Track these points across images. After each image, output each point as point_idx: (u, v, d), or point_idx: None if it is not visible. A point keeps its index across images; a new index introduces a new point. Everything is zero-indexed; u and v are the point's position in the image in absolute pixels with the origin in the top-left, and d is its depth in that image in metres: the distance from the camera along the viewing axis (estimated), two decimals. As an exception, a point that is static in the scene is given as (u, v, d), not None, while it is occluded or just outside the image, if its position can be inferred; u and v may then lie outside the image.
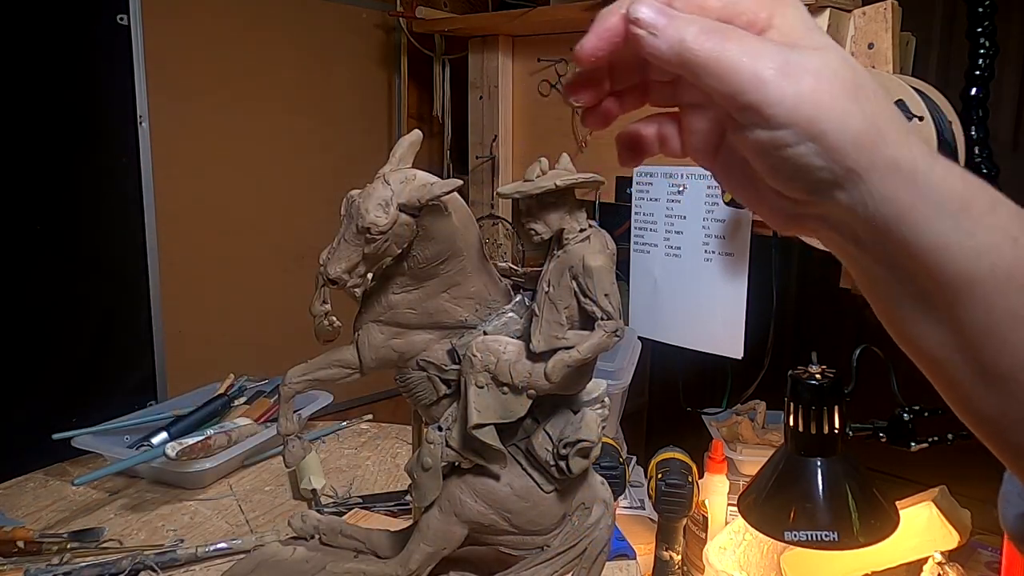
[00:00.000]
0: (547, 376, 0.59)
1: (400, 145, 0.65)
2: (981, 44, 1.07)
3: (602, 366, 1.39)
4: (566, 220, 0.64)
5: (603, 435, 0.67)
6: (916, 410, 0.97)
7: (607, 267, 0.61)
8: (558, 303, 0.61)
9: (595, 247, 0.63)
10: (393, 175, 0.62)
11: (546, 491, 0.66)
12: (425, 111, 1.96)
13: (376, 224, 0.60)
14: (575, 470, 0.64)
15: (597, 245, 0.63)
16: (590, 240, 0.63)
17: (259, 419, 1.24)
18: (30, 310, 1.32)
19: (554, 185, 0.62)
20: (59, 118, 1.33)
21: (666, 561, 1.11)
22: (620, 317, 0.60)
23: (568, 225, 0.64)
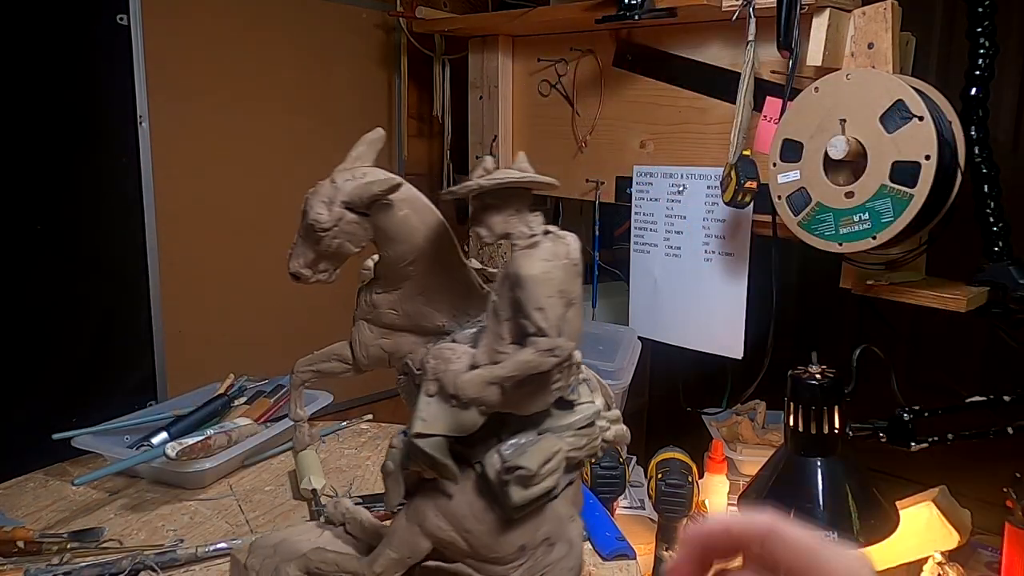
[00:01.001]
0: (461, 390, 0.55)
1: (359, 143, 0.65)
2: (981, 44, 1.07)
3: (602, 366, 1.39)
4: (512, 224, 0.58)
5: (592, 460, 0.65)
6: (916, 410, 0.97)
7: (543, 278, 0.54)
8: (500, 314, 0.56)
9: (539, 255, 0.56)
10: (340, 173, 0.62)
11: (504, 517, 0.59)
12: (425, 111, 1.96)
13: (318, 221, 0.61)
14: (514, 499, 0.57)
15: (542, 253, 0.56)
16: (537, 247, 0.56)
17: (259, 419, 1.24)
18: (30, 310, 1.32)
19: (478, 186, 0.57)
20: (59, 118, 1.32)
21: (666, 561, 1.11)
22: (562, 334, 0.54)
23: (515, 229, 0.58)
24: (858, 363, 0.97)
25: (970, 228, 1.09)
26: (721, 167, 1.25)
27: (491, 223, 0.59)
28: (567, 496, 0.63)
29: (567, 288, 0.56)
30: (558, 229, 0.59)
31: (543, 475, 0.58)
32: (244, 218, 1.63)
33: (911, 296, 1.11)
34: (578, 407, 0.64)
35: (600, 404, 0.66)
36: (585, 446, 0.62)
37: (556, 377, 0.57)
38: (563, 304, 0.55)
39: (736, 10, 1.22)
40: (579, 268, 0.58)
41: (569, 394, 0.63)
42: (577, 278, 0.57)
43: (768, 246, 1.28)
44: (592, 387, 0.67)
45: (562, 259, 0.56)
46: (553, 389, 0.58)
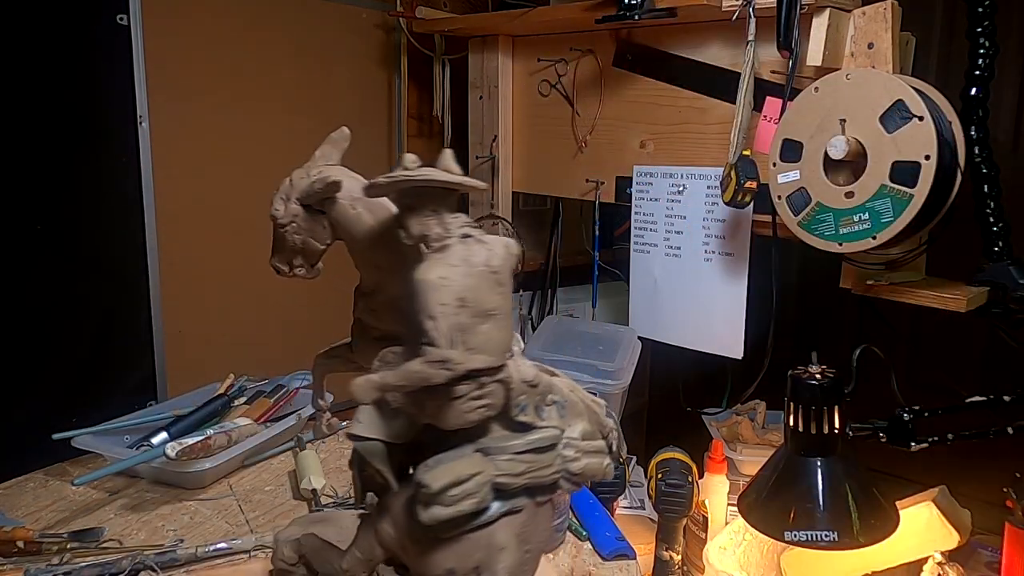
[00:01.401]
0: (351, 393, 0.53)
1: (324, 142, 0.65)
2: (981, 44, 1.07)
3: (602, 366, 1.39)
4: (428, 225, 0.56)
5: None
6: (916, 410, 0.97)
7: (438, 284, 0.51)
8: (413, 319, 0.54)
9: (444, 259, 0.53)
10: (298, 171, 0.63)
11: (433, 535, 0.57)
12: (425, 111, 1.96)
13: (274, 217, 0.62)
14: (420, 517, 0.54)
15: (449, 257, 0.53)
16: (446, 250, 0.54)
17: (259, 419, 1.24)
18: (30, 310, 1.32)
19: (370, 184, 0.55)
20: (59, 118, 1.32)
21: (666, 561, 1.11)
22: (457, 346, 0.51)
23: (431, 231, 0.55)
24: (858, 363, 0.97)
25: (970, 228, 1.09)
26: (721, 167, 1.25)
27: (408, 224, 0.56)
28: (509, 524, 0.58)
29: (473, 297, 0.52)
30: (481, 233, 0.55)
31: (453, 497, 0.54)
32: (244, 218, 1.63)
33: (911, 296, 1.11)
34: (534, 431, 0.59)
35: (576, 432, 0.61)
36: (525, 473, 0.57)
37: (463, 392, 0.53)
38: (468, 314, 0.51)
39: (736, 10, 1.22)
40: (501, 276, 0.54)
41: (518, 413, 0.58)
42: (497, 287, 0.53)
43: (768, 246, 1.28)
44: (571, 412, 0.62)
45: (475, 266, 0.53)
46: (467, 406, 0.54)
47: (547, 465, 0.58)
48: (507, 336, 0.55)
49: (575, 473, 0.60)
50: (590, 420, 0.63)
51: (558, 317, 1.72)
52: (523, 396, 0.58)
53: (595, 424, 0.63)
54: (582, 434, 0.61)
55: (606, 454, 0.63)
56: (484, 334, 0.52)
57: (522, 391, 0.58)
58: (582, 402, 0.62)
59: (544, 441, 0.58)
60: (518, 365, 0.58)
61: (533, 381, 0.58)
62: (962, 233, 1.08)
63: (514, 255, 0.55)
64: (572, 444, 0.60)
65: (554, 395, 0.61)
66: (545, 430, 0.59)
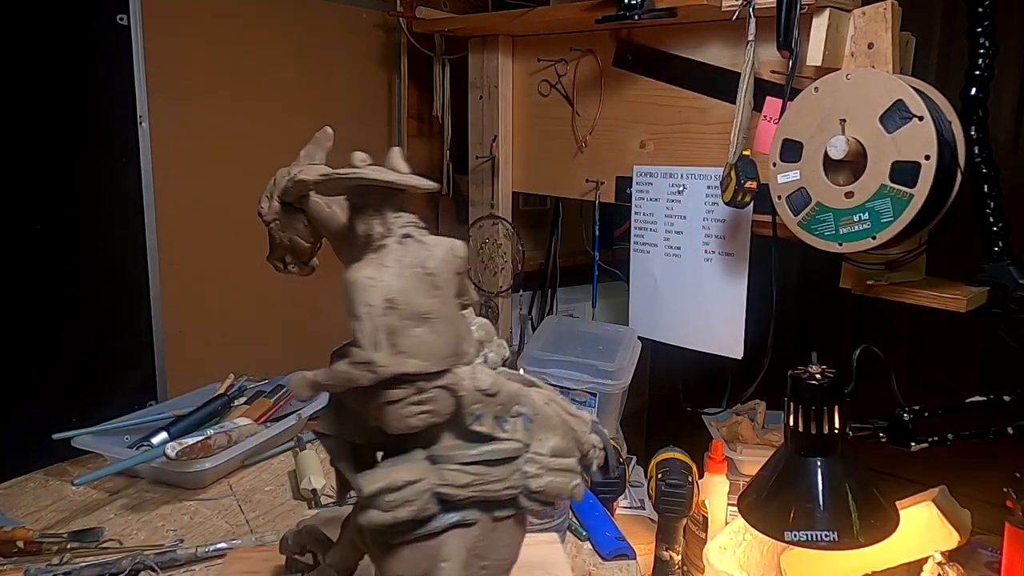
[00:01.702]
0: (291, 387, 0.53)
1: (311, 141, 0.65)
2: (981, 44, 1.07)
3: (602, 366, 1.39)
4: (371, 224, 0.55)
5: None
6: (916, 410, 0.97)
7: (365, 285, 0.50)
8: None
9: (377, 259, 0.52)
10: (282, 170, 0.63)
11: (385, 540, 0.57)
12: (425, 111, 1.96)
13: (260, 214, 0.62)
14: (359, 521, 0.54)
15: (383, 258, 0.52)
16: (382, 250, 0.53)
17: (259, 419, 1.24)
18: (30, 310, 1.32)
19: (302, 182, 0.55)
20: (59, 118, 1.32)
21: (666, 561, 1.11)
22: (382, 348, 0.50)
23: (374, 231, 0.55)
24: (858, 363, 0.97)
25: (970, 228, 1.09)
26: (721, 167, 1.25)
27: (354, 223, 0.56)
28: (459, 537, 0.57)
29: (404, 299, 0.51)
30: (423, 234, 0.54)
31: (390, 502, 0.53)
32: (244, 218, 1.62)
33: (911, 296, 1.11)
34: (492, 443, 0.57)
35: (546, 448, 0.58)
36: (472, 485, 0.55)
37: (400, 396, 0.52)
38: (398, 317, 0.50)
39: (736, 10, 1.22)
40: (438, 279, 0.52)
41: (472, 422, 0.56)
42: (432, 290, 0.52)
43: (768, 246, 1.28)
44: (542, 426, 0.59)
45: (408, 267, 0.52)
46: (407, 411, 0.53)
47: (499, 479, 0.56)
48: (446, 341, 0.53)
49: (534, 491, 0.58)
50: (565, 436, 0.60)
51: (558, 317, 1.72)
52: (478, 405, 0.56)
53: (571, 440, 0.60)
54: (552, 450, 0.59)
55: (576, 473, 0.59)
56: (417, 338, 0.51)
57: (476, 400, 0.55)
58: (557, 416, 0.60)
59: (497, 453, 0.56)
60: (475, 373, 0.56)
61: (490, 390, 0.56)
62: (962, 233, 1.08)
63: (458, 258, 0.53)
64: (536, 460, 0.58)
65: (521, 407, 0.58)
66: (503, 442, 0.57)
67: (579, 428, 0.60)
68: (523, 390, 0.59)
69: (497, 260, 1.73)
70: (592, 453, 0.61)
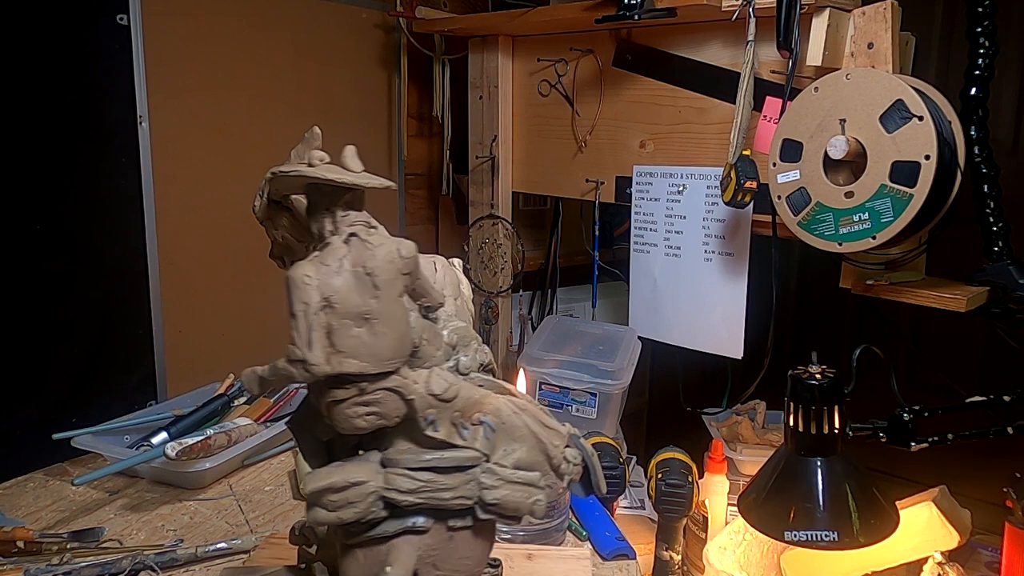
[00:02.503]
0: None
1: (301, 141, 0.65)
2: (981, 44, 1.07)
3: (602, 366, 1.39)
4: (322, 223, 0.55)
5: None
6: (916, 410, 0.97)
7: (300, 283, 0.50)
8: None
9: (318, 258, 0.52)
10: (273, 169, 0.62)
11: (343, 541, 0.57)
12: (425, 111, 1.96)
13: (253, 211, 0.62)
14: (307, 519, 0.55)
15: (324, 256, 0.52)
16: (326, 249, 0.53)
17: (259, 419, 1.24)
18: (30, 310, 1.32)
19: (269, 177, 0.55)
20: (59, 118, 1.32)
21: (666, 561, 1.11)
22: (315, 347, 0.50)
23: (325, 229, 0.55)
24: (858, 363, 0.97)
25: (970, 228, 1.09)
26: (721, 167, 1.25)
27: (309, 221, 0.56)
28: (408, 544, 0.56)
29: (341, 299, 0.50)
30: (370, 232, 0.54)
31: (334, 503, 0.53)
32: (244, 218, 1.62)
33: (911, 296, 1.11)
34: (447, 450, 0.55)
35: (509, 460, 0.56)
36: (419, 492, 0.54)
37: (343, 396, 0.52)
38: (336, 316, 0.50)
39: (736, 10, 1.22)
40: (379, 279, 0.51)
41: (426, 427, 0.55)
42: (372, 290, 0.51)
43: (768, 246, 1.28)
44: (507, 437, 0.57)
45: (347, 266, 0.51)
46: (351, 411, 0.52)
47: (450, 488, 0.55)
48: (389, 343, 0.52)
49: (488, 503, 0.56)
50: (533, 449, 0.57)
51: (558, 317, 1.72)
52: (432, 410, 0.55)
53: (539, 454, 0.57)
54: (515, 462, 0.56)
55: (538, 489, 0.57)
56: (356, 338, 0.51)
57: (430, 404, 0.54)
58: (526, 427, 0.57)
59: (448, 461, 0.55)
60: (430, 376, 0.55)
61: (443, 395, 0.55)
62: (962, 233, 1.08)
63: (405, 258, 0.52)
64: (494, 471, 0.56)
65: (484, 415, 0.56)
66: (457, 450, 0.55)
67: (552, 441, 0.58)
68: (489, 397, 0.57)
69: (497, 260, 1.73)
70: (564, 467, 0.58)
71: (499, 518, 0.58)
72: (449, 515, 0.57)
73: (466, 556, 0.59)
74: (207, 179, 1.57)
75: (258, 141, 1.63)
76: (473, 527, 0.58)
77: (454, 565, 0.58)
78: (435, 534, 0.57)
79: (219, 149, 1.58)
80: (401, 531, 0.56)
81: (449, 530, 0.57)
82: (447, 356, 0.59)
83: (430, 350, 0.57)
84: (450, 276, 0.65)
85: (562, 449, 0.58)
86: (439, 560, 0.57)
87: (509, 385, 0.61)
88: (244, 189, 1.63)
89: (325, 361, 0.50)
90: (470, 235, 1.76)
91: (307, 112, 1.72)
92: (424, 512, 0.56)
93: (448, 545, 0.57)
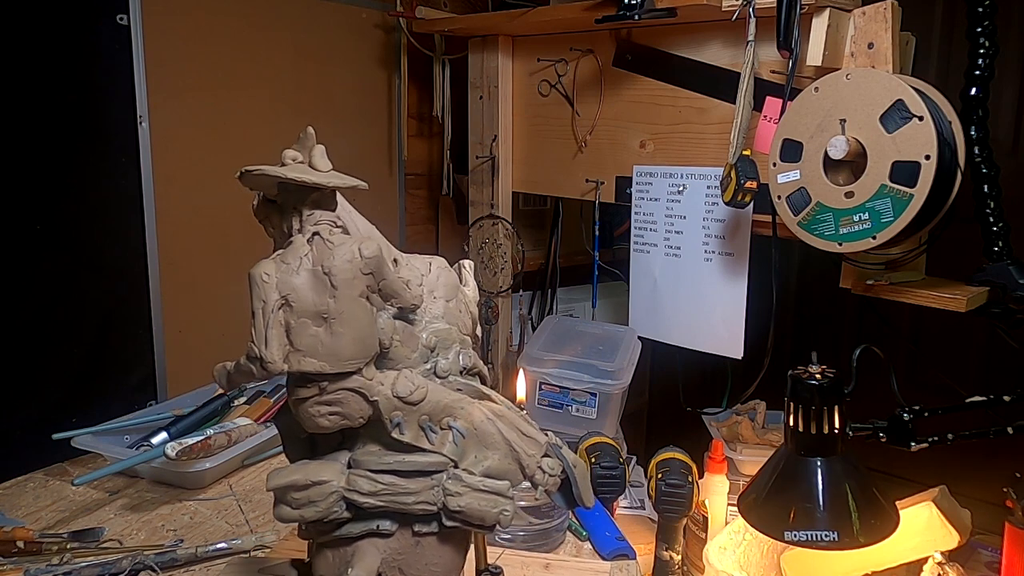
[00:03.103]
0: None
1: (296, 142, 0.65)
2: (981, 44, 1.07)
3: (602, 366, 1.39)
4: (289, 221, 0.56)
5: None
6: (916, 410, 0.97)
7: (258, 281, 0.50)
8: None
9: (282, 256, 0.52)
10: (244, 167, 0.63)
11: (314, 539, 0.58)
12: (425, 111, 1.96)
13: (253, 210, 0.63)
14: (273, 515, 0.56)
15: (286, 254, 0.52)
16: (288, 247, 0.53)
17: (259, 419, 1.24)
18: (30, 310, 1.32)
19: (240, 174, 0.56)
20: (59, 118, 1.32)
21: (666, 561, 1.11)
22: (272, 344, 0.50)
23: (293, 228, 0.55)
24: (858, 363, 0.97)
25: (970, 228, 1.09)
26: (721, 167, 1.25)
27: (281, 219, 0.57)
28: (372, 546, 0.56)
29: (299, 298, 0.50)
30: (334, 232, 0.53)
31: (297, 500, 0.54)
32: (244, 218, 1.62)
33: (911, 296, 1.11)
34: (411, 454, 0.55)
35: (479, 467, 0.56)
36: (380, 495, 0.54)
37: (305, 395, 0.52)
38: (294, 315, 0.50)
39: (736, 10, 1.22)
40: (337, 279, 0.51)
41: (392, 429, 0.54)
42: (330, 289, 0.51)
43: (768, 246, 1.28)
44: (478, 443, 0.56)
45: (309, 266, 0.51)
46: (314, 410, 0.53)
47: (412, 492, 0.54)
48: (348, 343, 0.51)
49: (452, 510, 0.55)
50: (505, 457, 0.56)
51: (558, 317, 1.72)
52: (397, 412, 0.54)
53: (511, 462, 0.56)
54: (485, 470, 0.56)
55: (506, 498, 0.56)
56: (314, 337, 0.50)
57: (395, 407, 0.54)
58: (499, 435, 0.56)
59: (410, 465, 0.54)
60: (397, 378, 0.54)
61: (409, 398, 0.54)
62: (962, 233, 1.08)
63: (366, 258, 0.52)
64: (460, 478, 0.55)
65: (454, 419, 0.56)
66: (421, 454, 0.55)
67: (526, 450, 0.57)
68: (461, 402, 0.56)
69: (497, 260, 1.73)
70: (539, 477, 0.57)
71: (464, 526, 0.57)
72: (414, 519, 0.56)
73: (433, 563, 0.58)
74: (207, 179, 1.57)
75: (258, 141, 1.63)
76: (439, 533, 0.57)
77: (420, 571, 0.57)
78: (400, 538, 0.56)
79: (219, 149, 1.58)
80: (365, 533, 0.56)
81: (415, 535, 0.57)
82: (424, 358, 0.58)
83: (403, 351, 0.57)
84: (446, 278, 0.63)
85: (538, 459, 0.57)
86: (404, 565, 0.57)
87: (489, 390, 0.60)
88: (244, 189, 1.63)
89: (282, 359, 0.51)
90: (470, 235, 1.76)
91: (307, 112, 1.72)
92: (389, 515, 0.56)
93: (414, 551, 0.57)
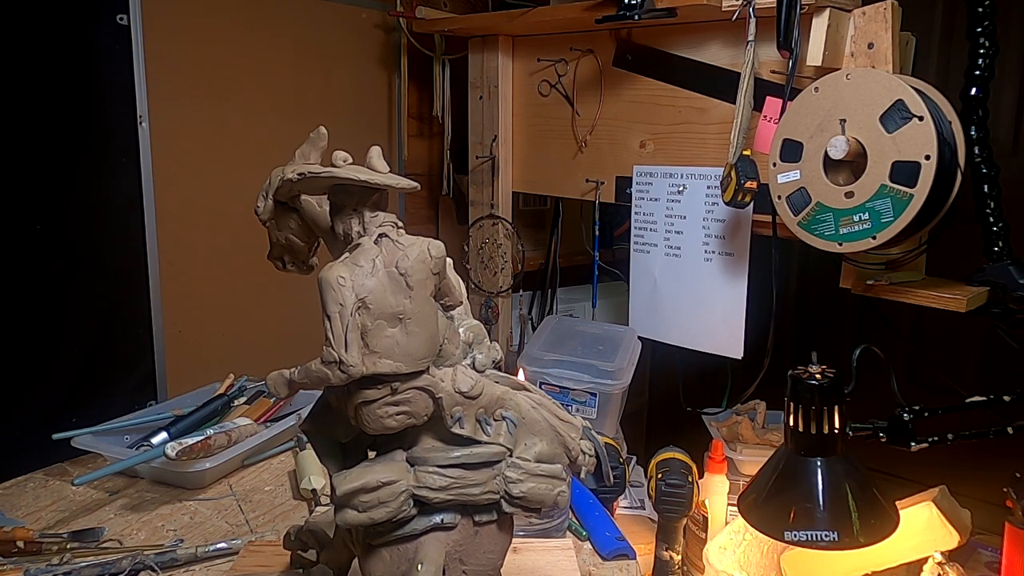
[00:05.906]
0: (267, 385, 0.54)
1: (306, 142, 0.65)
2: (981, 44, 1.07)
3: (602, 366, 1.39)
4: (350, 223, 0.56)
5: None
6: (916, 410, 0.97)
7: (334, 284, 0.50)
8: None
9: (350, 259, 0.52)
10: (276, 169, 0.62)
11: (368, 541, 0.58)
12: (425, 111, 1.96)
13: (256, 212, 0.62)
14: (337, 520, 0.56)
15: (355, 257, 0.52)
16: (356, 250, 0.53)
17: (259, 419, 1.24)
18: (30, 310, 1.32)
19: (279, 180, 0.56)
20: (59, 118, 1.32)
21: (666, 561, 1.11)
22: (352, 348, 0.50)
23: (352, 230, 0.56)
24: (858, 363, 0.97)
25: (970, 228, 1.09)
26: (721, 167, 1.25)
27: (335, 222, 0.57)
28: (437, 540, 0.57)
29: (375, 299, 0.51)
30: (399, 233, 0.54)
31: (365, 503, 0.54)
32: (244, 218, 1.62)
33: (911, 296, 1.11)
34: (469, 446, 0.56)
35: (531, 453, 0.58)
36: (449, 489, 0.55)
37: (375, 397, 0.52)
38: (371, 317, 0.50)
39: (736, 10, 1.22)
40: (412, 279, 0.52)
41: (453, 425, 0.55)
42: (405, 290, 0.52)
43: (768, 246, 1.28)
44: (528, 431, 0.59)
45: (380, 267, 0.52)
46: (383, 411, 0.53)
47: (479, 483, 0.56)
48: (421, 342, 0.52)
49: (515, 496, 0.57)
50: (552, 441, 0.59)
51: (558, 317, 1.72)
52: (458, 408, 0.55)
53: (558, 446, 0.59)
54: (537, 455, 0.58)
55: (561, 480, 0.58)
56: (390, 338, 0.51)
57: (456, 402, 0.55)
58: (545, 421, 0.59)
59: (476, 457, 0.56)
60: (455, 374, 0.56)
61: (470, 393, 0.55)
62: (962, 233, 1.08)
63: (435, 258, 0.53)
64: (518, 465, 0.57)
65: (506, 411, 0.58)
66: (484, 446, 0.56)
67: (569, 434, 0.60)
68: (509, 393, 0.58)
69: (497, 260, 1.73)
70: (582, 459, 0.60)
71: (524, 511, 0.58)
72: (476, 510, 0.58)
73: (490, 550, 0.60)
74: (207, 179, 1.57)
75: (258, 141, 1.63)
76: (497, 521, 0.59)
77: (479, 559, 0.59)
78: (462, 530, 0.58)
79: (219, 149, 1.58)
80: (429, 528, 0.56)
81: (475, 525, 0.58)
82: (464, 354, 0.60)
83: (450, 348, 0.58)
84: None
85: (578, 441, 0.60)
86: (465, 555, 0.58)
87: (523, 380, 0.62)
88: (244, 189, 1.63)
89: (361, 362, 0.51)
90: (470, 235, 1.76)
91: (307, 112, 1.72)
92: (451, 508, 0.57)
93: (474, 540, 0.58)
